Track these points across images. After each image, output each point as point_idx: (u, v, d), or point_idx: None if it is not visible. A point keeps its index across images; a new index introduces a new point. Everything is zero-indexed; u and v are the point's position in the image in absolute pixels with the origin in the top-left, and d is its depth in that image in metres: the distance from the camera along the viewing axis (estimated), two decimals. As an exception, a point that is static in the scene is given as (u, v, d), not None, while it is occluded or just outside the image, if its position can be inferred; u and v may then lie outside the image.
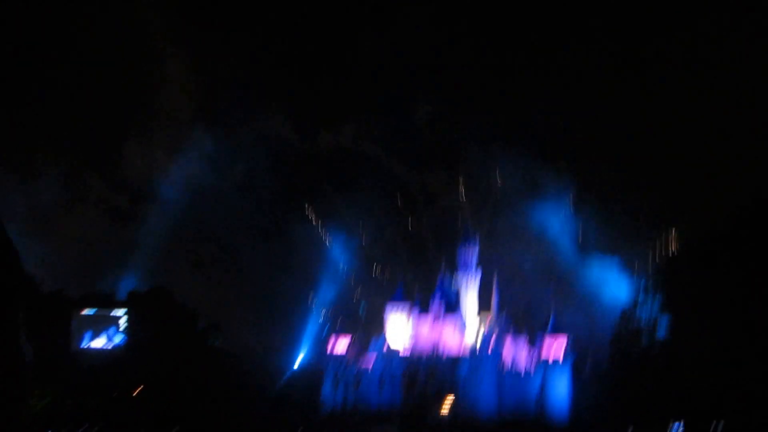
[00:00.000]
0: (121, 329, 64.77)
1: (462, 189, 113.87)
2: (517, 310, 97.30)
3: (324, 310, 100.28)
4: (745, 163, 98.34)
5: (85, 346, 64.27)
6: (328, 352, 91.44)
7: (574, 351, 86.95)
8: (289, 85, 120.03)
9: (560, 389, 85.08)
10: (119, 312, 65.27)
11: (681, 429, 53.64)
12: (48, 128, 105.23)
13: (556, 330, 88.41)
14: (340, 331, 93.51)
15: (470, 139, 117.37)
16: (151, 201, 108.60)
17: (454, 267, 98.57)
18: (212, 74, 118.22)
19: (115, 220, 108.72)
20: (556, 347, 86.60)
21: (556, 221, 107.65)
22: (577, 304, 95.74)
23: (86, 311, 65.82)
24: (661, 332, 54.39)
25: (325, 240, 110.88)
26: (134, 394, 61.03)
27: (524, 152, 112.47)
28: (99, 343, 64.35)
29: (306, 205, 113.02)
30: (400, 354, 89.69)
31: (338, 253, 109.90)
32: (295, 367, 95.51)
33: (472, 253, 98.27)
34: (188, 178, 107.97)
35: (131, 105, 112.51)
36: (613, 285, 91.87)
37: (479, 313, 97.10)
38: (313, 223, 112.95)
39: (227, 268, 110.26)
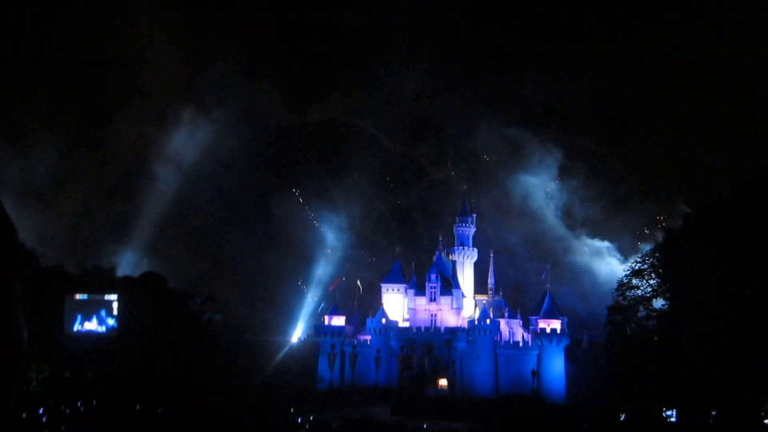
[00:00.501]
0: (114, 313, 64.54)
1: (450, 162, 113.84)
2: (513, 290, 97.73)
3: (320, 288, 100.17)
4: (748, 136, 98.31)
5: (77, 330, 64.02)
6: (324, 328, 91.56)
7: (570, 327, 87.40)
8: (278, 59, 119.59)
9: (556, 366, 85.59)
10: (112, 297, 64.94)
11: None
12: (40, 105, 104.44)
13: (553, 308, 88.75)
14: (336, 309, 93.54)
15: (458, 111, 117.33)
16: (142, 177, 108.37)
17: (450, 244, 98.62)
18: (201, 49, 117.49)
19: (106, 196, 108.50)
20: (552, 325, 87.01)
21: (545, 194, 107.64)
22: (573, 280, 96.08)
23: (79, 296, 65.42)
24: (658, 305, 54.21)
25: (316, 216, 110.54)
26: (128, 371, 60.91)
27: (513, 123, 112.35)
28: (91, 326, 64.03)
29: (294, 188, 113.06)
30: (397, 331, 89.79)
31: (331, 228, 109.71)
32: (293, 341, 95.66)
33: (468, 231, 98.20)
34: (178, 153, 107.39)
35: (120, 82, 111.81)
36: (610, 258, 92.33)
37: (476, 292, 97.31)
38: (301, 201, 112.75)
39: (219, 242, 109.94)
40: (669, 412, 55.25)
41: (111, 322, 63.77)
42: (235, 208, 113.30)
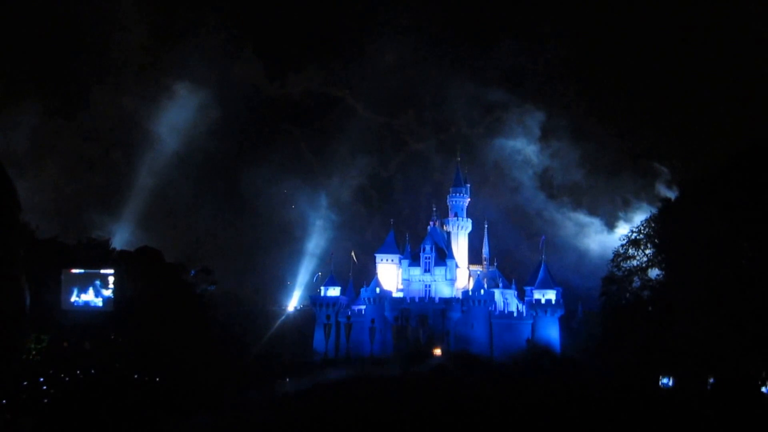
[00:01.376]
0: (110, 285, 64.68)
1: (430, 132, 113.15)
2: (507, 260, 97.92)
3: (313, 259, 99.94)
4: (743, 103, 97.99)
5: (74, 301, 64.10)
6: (320, 299, 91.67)
7: (564, 296, 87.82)
8: (258, 28, 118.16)
9: (551, 336, 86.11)
10: (108, 271, 65.14)
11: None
12: (17, 75, 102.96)
13: (548, 278, 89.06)
14: (331, 279, 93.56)
15: (437, 79, 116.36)
16: (120, 149, 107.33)
17: (444, 215, 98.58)
18: (180, 19, 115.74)
19: (87, 168, 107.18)
20: (546, 296, 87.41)
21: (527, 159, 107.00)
22: (565, 250, 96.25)
23: (75, 270, 65.52)
24: (653, 274, 54.27)
25: (297, 187, 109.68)
26: (125, 341, 61.02)
27: (492, 87, 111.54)
28: (88, 297, 64.10)
29: (271, 160, 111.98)
30: (391, 302, 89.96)
31: (311, 201, 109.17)
32: (289, 310, 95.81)
33: (462, 201, 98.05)
34: (156, 124, 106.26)
35: (96, 51, 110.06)
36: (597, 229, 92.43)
37: (470, 263, 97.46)
38: (278, 170, 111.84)
39: (203, 215, 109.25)
40: (665, 380, 55.61)
41: (107, 293, 63.97)
42: (214, 181, 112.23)
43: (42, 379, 44.01)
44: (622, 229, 77.73)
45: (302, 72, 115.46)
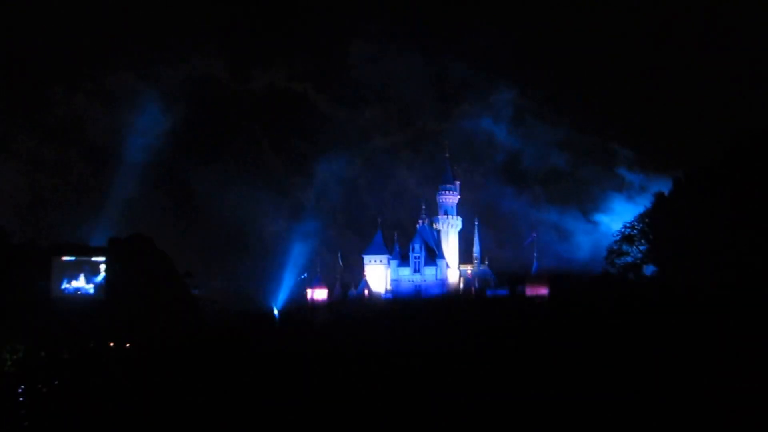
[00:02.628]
0: (101, 272, 63.82)
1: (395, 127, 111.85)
2: (498, 257, 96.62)
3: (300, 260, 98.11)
4: (735, 97, 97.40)
5: (65, 288, 62.94)
6: (306, 301, 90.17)
7: (557, 293, 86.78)
8: (221, 24, 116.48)
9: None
10: (99, 258, 64.29)
11: None
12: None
13: (539, 276, 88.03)
14: (318, 280, 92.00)
15: (403, 73, 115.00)
16: (81, 150, 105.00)
17: (433, 213, 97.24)
18: (141, 13, 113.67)
19: (42, 170, 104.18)
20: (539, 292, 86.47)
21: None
22: (556, 243, 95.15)
23: (66, 258, 64.60)
24: (649, 270, 53.51)
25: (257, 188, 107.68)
26: (111, 345, 59.50)
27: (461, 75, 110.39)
28: (79, 283, 63.06)
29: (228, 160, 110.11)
30: (381, 302, 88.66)
31: (303, 197, 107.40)
32: (275, 312, 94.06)
33: (452, 199, 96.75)
34: (119, 123, 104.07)
35: (54, 49, 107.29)
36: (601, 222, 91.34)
37: (461, 262, 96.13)
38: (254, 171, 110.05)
39: (182, 215, 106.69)
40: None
41: (99, 279, 63.33)
42: (172, 182, 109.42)
43: (21, 389, 42.73)
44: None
45: (266, 67, 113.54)
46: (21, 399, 41.24)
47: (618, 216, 78.40)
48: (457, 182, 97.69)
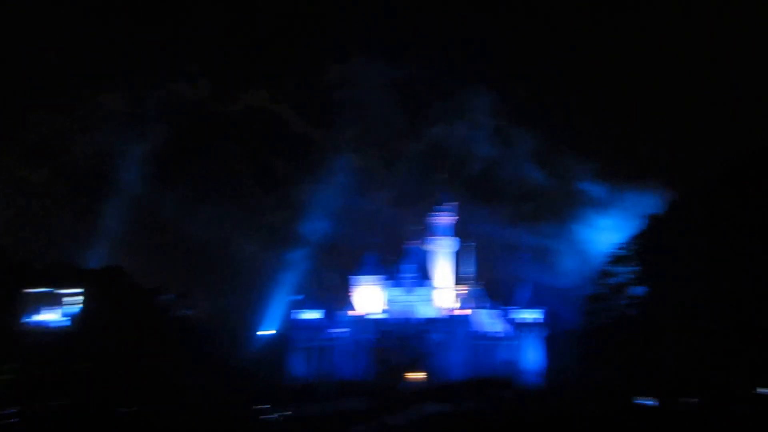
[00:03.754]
0: (77, 305, 62.33)
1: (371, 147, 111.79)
2: (490, 278, 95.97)
3: (290, 281, 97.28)
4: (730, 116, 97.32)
5: (39, 321, 61.52)
6: (297, 322, 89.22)
7: (549, 316, 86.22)
8: (203, 46, 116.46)
9: (535, 356, 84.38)
10: (74, 290, 62.80)
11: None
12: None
13: (531, 298, 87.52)
14: (309, 302, 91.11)
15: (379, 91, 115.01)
16: (62, 172, 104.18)
17: (426, 233, 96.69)
18: (123, 35, 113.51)
19: (26, 193, 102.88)
20: (531, 316, 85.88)
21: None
22: (552, 267, 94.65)
23: (38, 289, 63.02)
24: (639, 292, 53.02)
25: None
26: (92, 367, 58.44)
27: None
28: (53, 316, 61.65)
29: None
30: (372, 323, 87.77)
31: (294, 217, 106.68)
32: (263, 334, 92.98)
33: (445, 220, 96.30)
34: (103, 144, 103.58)
35: (36, 71, 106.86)
36: (592, 243, 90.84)
37: (455, 282, 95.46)
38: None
39: (169, 238, 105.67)
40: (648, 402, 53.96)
41: (75, 309, 62.06)
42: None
43: (12, 411, 42.43)
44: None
45: (247, 89, 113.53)
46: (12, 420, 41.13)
47: (606, 234, 78.33)
48: (454, 203, 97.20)
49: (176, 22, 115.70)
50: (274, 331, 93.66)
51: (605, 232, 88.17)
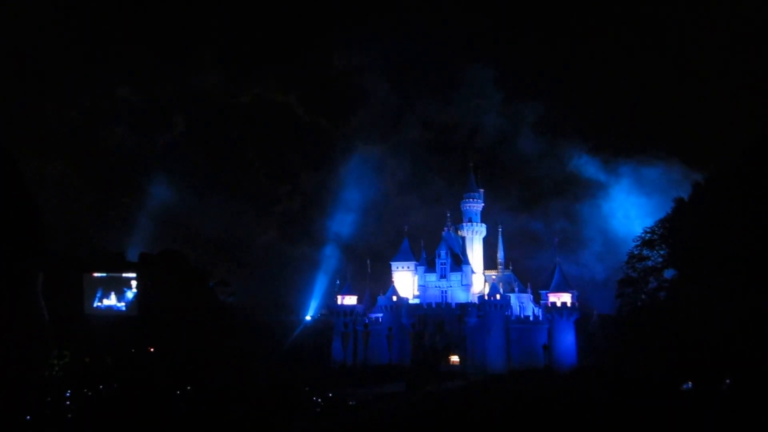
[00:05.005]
0: (133, 289, 65.35)
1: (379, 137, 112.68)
2: (521, 263, 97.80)
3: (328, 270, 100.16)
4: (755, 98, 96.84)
5: (98, 306, 64.67)
6: (337, 308, 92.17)
7: (580, 300, 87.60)
8: (214, 38, 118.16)
9: (567, 339, 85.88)
10: (130, 275, 65.68)
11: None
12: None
13: (562, 281, 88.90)
14: (348, 288, 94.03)
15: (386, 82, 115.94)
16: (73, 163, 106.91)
17: (458, 220, 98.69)
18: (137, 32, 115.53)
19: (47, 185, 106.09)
20: (562, 299, 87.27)
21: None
22: (579, 248, 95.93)
23: (97, 274, 66.12)
24: (669, 274, 53.98)
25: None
26: (150, 350, 61.32)
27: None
28: (111, 301, 64.87)
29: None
30: (408, 308, 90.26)
31: (336, 205, 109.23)
32: (307, 319, 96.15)
33: (476, 207, 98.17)
34: (120, 137, 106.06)
35: (51, 66, 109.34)
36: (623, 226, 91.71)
37: (486, 267, 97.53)
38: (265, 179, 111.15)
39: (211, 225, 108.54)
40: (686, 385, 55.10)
41: (130, 295, 64.73)
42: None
43: (68, 394, 44.41)
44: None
45: (256, 79, 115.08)
46: (68, 403, 43.39)
47: (638, 221, 79.23)
48: (481, 191, 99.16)
49: (188, 16, 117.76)
50: (312, 318, 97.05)
51: (634, 216, 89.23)
